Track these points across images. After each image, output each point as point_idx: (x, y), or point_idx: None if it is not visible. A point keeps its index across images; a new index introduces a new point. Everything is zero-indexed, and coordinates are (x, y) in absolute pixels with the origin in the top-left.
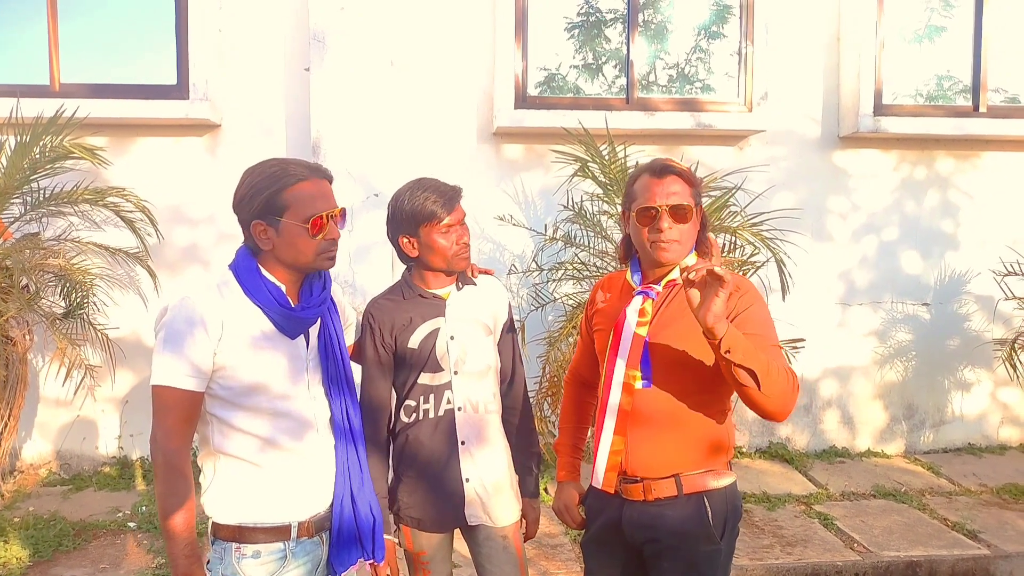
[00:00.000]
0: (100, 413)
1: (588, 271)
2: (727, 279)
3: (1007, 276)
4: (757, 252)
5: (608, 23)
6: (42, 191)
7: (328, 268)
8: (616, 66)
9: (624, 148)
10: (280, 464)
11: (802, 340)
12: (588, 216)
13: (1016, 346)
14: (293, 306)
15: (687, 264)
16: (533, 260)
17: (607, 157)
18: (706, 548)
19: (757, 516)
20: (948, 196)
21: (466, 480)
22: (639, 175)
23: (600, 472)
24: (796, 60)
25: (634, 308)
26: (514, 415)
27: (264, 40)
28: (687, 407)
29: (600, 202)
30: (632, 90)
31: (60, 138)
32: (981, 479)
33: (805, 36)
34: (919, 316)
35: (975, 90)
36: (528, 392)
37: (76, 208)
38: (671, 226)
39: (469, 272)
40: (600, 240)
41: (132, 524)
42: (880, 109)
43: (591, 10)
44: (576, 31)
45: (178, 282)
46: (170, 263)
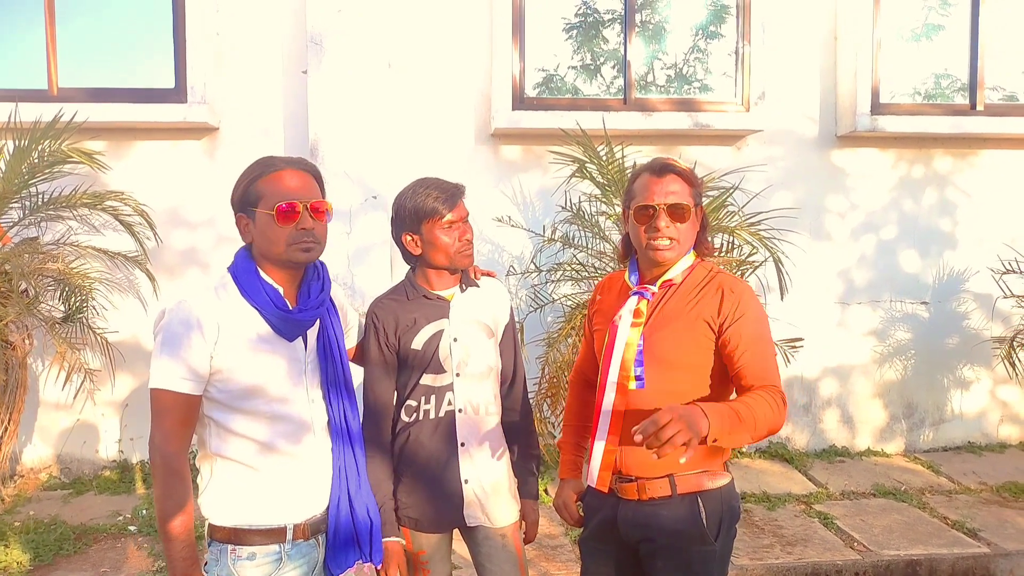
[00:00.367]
0: (100, 417)
1: (586, 272)
2: (663, 435)
3: (1005, 274)
4: (755, 252)
5: (605, 24)
6: (41, 195)
7: (303, 260)
8: (613, 67)
9: (622, 149)
10: (277, 467)
11: (801, 339)
12: (586, 217)
13: (1015, 344)
14: (290, 308)
15: (675, 279)
16: (531, 261)
17: (605, 158)
18: (700, 548)
19: (757, 516)
20: (946, 194)
21: (465, 481)
22: (639, 174)
23: (594, 471)
24: (793, 59)
25: (629, 308)
26: (514, 417)
27: (262, 43)
28: None
29: (598, 203)
30: (629, 90)
31: (58, 142)
32: (981, 477)
33: (802, 35)
34: (918, 315)
35: (972, 88)
36: (528, 393)
37: (75, 212)
38: (668, 225)
39: (472, 274)
40: (598, 241)
41: (132, 528)
42: (878, 108)
43: (588, 11)
44: (573, 32)
45: (177, 285)
46: (169, 266)
